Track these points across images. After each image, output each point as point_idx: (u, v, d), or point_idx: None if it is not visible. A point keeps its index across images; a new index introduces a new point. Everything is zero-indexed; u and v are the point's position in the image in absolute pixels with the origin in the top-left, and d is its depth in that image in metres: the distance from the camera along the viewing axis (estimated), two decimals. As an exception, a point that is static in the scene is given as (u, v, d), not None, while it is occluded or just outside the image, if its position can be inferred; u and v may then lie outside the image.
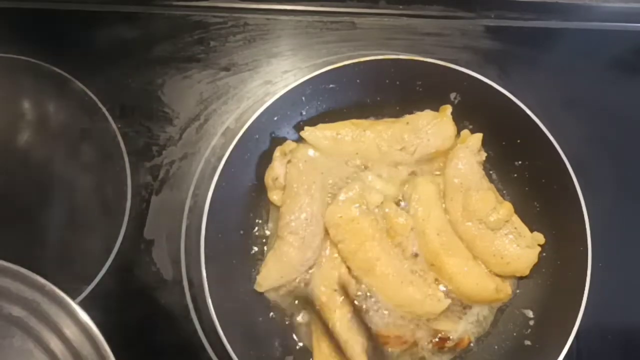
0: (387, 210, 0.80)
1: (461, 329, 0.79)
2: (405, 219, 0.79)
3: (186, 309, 0.81)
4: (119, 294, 0.82)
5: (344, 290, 0.77)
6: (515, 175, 0.85)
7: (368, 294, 0.78)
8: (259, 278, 0.78)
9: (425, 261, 0.80)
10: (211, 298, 0.72)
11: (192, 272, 0.83)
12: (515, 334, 0.79)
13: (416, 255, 0.80)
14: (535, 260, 0.79)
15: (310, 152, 0.82)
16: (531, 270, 0.80)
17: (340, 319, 0.76)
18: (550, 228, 0.80)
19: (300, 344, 0.79)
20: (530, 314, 0.79)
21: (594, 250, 0.74)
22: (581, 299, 0.71)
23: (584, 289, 0.72)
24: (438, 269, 0.79)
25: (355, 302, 0.77)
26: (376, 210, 0.80)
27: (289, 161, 0.81)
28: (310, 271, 0.80)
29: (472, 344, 0.79)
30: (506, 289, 0.79)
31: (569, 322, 0.71)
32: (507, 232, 0.80)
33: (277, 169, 0.81)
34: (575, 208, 0.76)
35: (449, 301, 0.77)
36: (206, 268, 0.73)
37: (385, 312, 0.78)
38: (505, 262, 0.79)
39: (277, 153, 0.82)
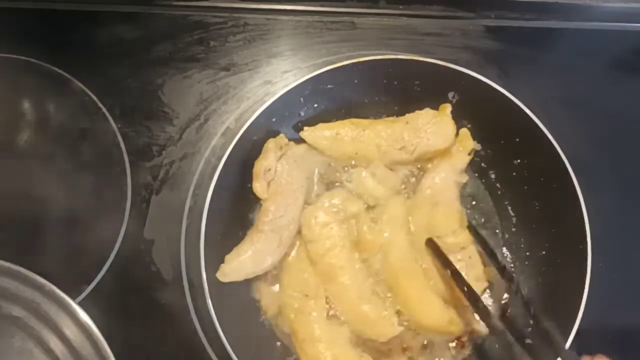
0: (360, 223, 0.80)
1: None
2: (375, 237, 0.79)
3: (186, 309, 0.81)
4: (119, 294, 0.82)
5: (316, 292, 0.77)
6: (515, 174, 0.85)
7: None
8: (226, 268, 0.75)
9: (385, 282, 0.80)
10: (211, 298, 0.72)
11: (192, 272, 0.83)
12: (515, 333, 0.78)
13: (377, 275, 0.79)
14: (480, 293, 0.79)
15: (303, 150, 0.82)
16: (529, 267, 0.80)
17: (318, 321, 0.76)
18: (549, 227, 0.80)
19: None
20: (530, 312, 0.78)
21: (593, 249, 0.74)
22: (581, 299, 0.72)
23: (583, 289, 0.72)
24: (395, 293, 0.79)
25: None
26: (352, 221, 0.80)
27: (282, 155, 0.81)
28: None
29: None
30: (459, 323, 0.78)
31: (568, 321, 0.71)
32: (460, 258, 0.80)
33: (270, 160, 0.80)
34: (574, 207, 0.76)
35: (401, 328, 0.76)
36: (206, 268, 0.73)
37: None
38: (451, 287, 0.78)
39: (270, 144, 0.81)
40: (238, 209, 0.82)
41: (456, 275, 0.74)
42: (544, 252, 0.80)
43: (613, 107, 0.95)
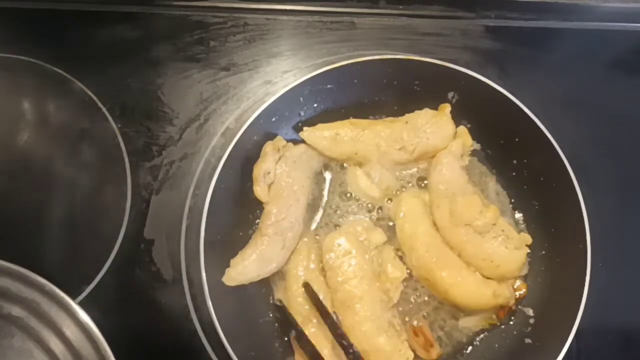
0: (385, 258, 0.79)
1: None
2: (401, 273, 0.78)
3: (186, 309, 0.81)
4: (119, 294, 0.82)
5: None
6: (514, 173, 0.85)
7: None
8: (232, 272, 0.75)
9: (418, 277, 0.80)
10: (211, 298, 0.72)
11: (192, 272, 0.83)
12: (515, 332, 0.79)
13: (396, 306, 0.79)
14: (524, 261, 0.79)
15: (302, 150, 0.82)
16: (529, 267, 0.80)
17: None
18: (549, 227, 0.80)
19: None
20: (531, 312, 0.79)
21: (593, 249, 0.74)
22: (581, 298, 0.71)
23: (583, 288, 0.72)
24: (432, 285, 0.78)
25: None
26: (373, 252, 0.79)
27: (280, 157, 0.81)
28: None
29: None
30: (504, 293, 0.78)
31: (569, 320, 0.71)
32: (495, 235, 0.79)
33: (268, 163, 0.79)
34: (574, 207, 0.75)
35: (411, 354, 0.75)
36: (206, 268, 0.73)
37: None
38: (495, 265, 0.78)
39: (267, 148, 0.81)
40: (238, 209, 0.82)
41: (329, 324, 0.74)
42: (544, 252, 0.80)
43: (613, 107, 0.95)
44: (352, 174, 0.84)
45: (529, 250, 0.79)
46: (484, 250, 0.78)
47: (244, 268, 0.76)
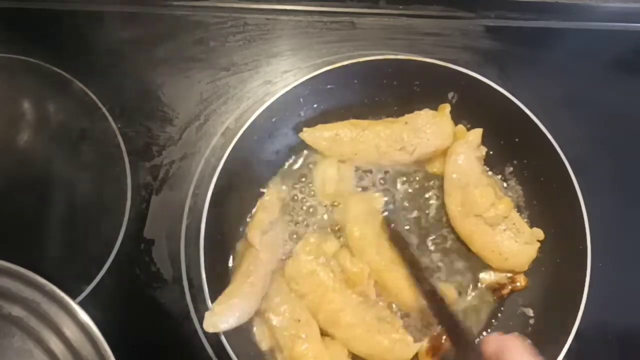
0: (342, 260, 0.78)
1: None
2: (361, 268, 0.77)
3: (186, 309, 0.81)
4: (119, 294, 0.82)
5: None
6: (514, 173, 0.85)
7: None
8: (214, 318, 0.71)
9: (372, 279, 0.78)
10: (211, 298, 0.72)
11: (192, 272, 0.83)
12: (515, 333, 0.78)
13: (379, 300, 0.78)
14: (534, 256, 0.79)
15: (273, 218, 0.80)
16: (530, 267, 0.80)
17: (316, 342, 0.74)
18: (549, 227, 0.80)
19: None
20: (531, 312, 0.79)
21: (593, 249, 0.74)
22: (581, 299, 0.72)
23: (583, 288, 0.72)
24: (382, 287, 0.78)
25: None
26: (332, 262, 0.78)
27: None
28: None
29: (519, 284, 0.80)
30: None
31: (568, 321, 0.71)
32: (506, 228, 0.79)
33: (275, 212, 0.79)
34: (574, 207, 0.76)
35: (419, 345, 0.75)
36: (206, 268, 0.73)
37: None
38: (504, 258, 0.78)
39: (271, 197, 0.81)
40: (238, 209, 0.82)
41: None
42: (544, 252, 0.80)
43: (613, 107, 0.95)
44: (327, 163, 0.84)
45: (539, 245, 0.79)
46: (494, 242, 0.79)
47: (226, 315, 0.72)
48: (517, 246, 0.79)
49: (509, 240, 0.79)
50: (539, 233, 0.80)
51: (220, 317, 0.71)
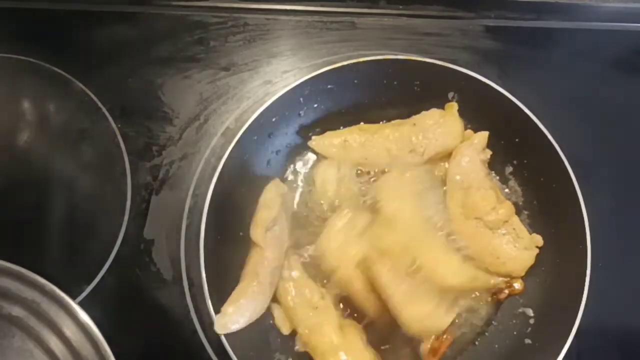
0: (376, 233, 0.76)
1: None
2: (394, 240, 0.75)
3: (186, 309, 0.81)
4: (119, 294, 0.82)
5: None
6: (514, 173, 0.85)
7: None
8: (225, 319, 0.72)
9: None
10: (211, 298, 0.72)
11: (192, 272, 0.83)
12: (515, 333, 0.78)
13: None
14: (532, 262, 0.79)
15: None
16: (528, 272, 0.80)
17: (333, 330, 0.74)
18: (549, 227, 0.80)
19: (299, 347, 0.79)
20: (531, 312, 0.79)
21: (593, 250, 0.73)
22: (581, 299, 0.71)
23: (583, 289, 0.72)
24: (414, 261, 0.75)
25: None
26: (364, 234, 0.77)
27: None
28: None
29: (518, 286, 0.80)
30: (481, 279, 0.78)
31: (568, 321, 0.71)
32: (505, 232, 0.79)
33: (276, 209, 0.78)
34: (574, 207, 0.75)
35: (453, 314, 0.75)
36: (206, 268, 0.73)
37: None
38: (501, 262, 0.78)
39: (271, 193, 0.80)
40: (238, 209, 0.82)
41: None
42: (544, 252, 0.80)
43: (613, 107, 0.95)
44: (327, 163, 0.83)
45: (537, 252, 0.79)
46: (492, 245, 0.78)
47: (237, 315, 0.73)
48: (516, 251, 0.78)
49: (507, 244, 0.78)
50: (538, 239, 0.80)
51: (231, 318, 0.72)
